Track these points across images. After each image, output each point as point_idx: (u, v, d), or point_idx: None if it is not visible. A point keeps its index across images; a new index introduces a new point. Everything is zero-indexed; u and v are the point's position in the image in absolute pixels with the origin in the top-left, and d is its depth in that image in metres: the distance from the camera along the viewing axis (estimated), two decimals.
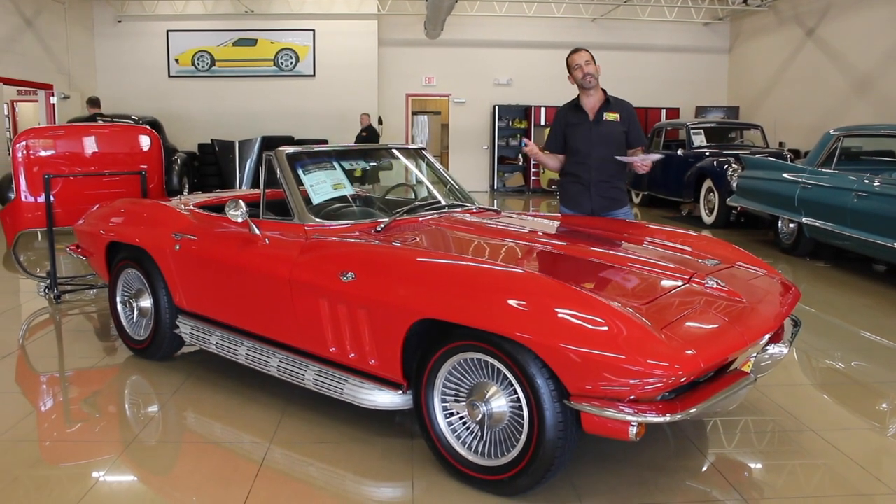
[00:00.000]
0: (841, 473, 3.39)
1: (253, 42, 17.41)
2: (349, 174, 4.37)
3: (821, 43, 14.72)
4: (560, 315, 2.75)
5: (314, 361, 3.70)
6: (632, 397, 2.65)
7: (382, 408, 3.42)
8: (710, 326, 2.93)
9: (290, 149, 4.20)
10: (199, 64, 17.44)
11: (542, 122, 17.57)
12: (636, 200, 14.80)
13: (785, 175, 9.01)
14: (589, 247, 3.76)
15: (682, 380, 2.63)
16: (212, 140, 15.92)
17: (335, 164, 4.32)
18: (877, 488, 3.24)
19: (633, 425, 2.62)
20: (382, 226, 3.89)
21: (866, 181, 7.50)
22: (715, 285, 3.28)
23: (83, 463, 3.51)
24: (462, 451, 3.15)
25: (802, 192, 8.54)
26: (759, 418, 3.99)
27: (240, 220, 3.91)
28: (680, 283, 3.30)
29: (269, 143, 16.08)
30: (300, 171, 4.11)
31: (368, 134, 15.46)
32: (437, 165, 4.85)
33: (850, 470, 3.41)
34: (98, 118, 12.49)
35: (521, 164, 18.13)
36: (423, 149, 4.89)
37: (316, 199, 4.04)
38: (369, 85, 17.37)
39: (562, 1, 16.79)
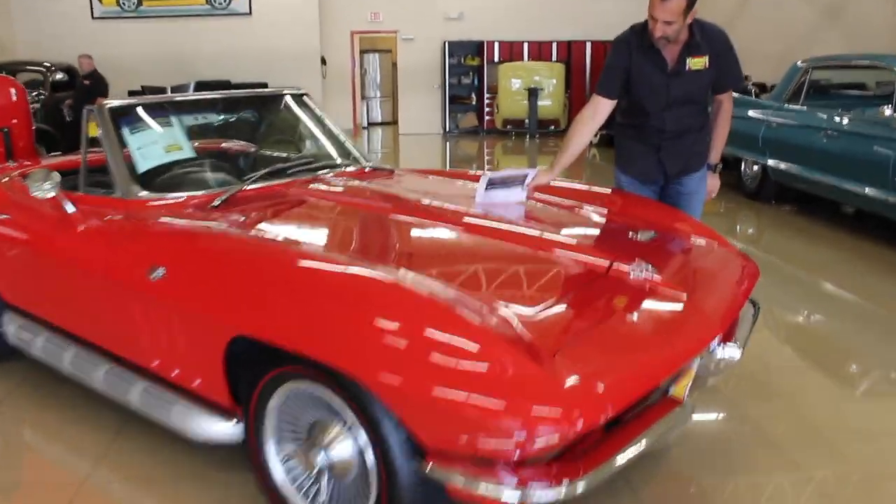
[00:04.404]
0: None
1: None
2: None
3: None
4: (408, 341, 1.93)
5: (144, 377, 2.87)
6: (515, 458, 1.84)
7: (215, 441, 2.59)
8: (629, 346, 2.11)
9: (115, 102, 3.29)
10: (125, 3, 16.12)
11: (496, 59, 16.53)
12: (594, 140, 13.94)
13: (749, 112, 8.17)
14: (484, 221, 2.91)
15: (583, 432, 1.83)
16: (142, 87, 14.79)
17: (174, 120, 3.40)
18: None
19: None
20: (221, 199, 3.01)
21: (837, 118, 6.70)
22: (643, 275, 2.46)
23: None
24: None
25: (767, 132, 7.74)
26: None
27: (48, 195, 3.02)
28: (595, 273, 2.47)
29: (204, 88, 15.01)
30: (127, 131, 3.21)
31: (92, 82, 12.13)
32: (319, 114, 3.95)
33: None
34: None
35: (473, 103, 17.13)
36: (303, 95, 3.96)
37: (143, 166, 3.14)
38: (310, 22, 16.16)
39: None
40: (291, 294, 2.18)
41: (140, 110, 3.34)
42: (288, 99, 3.96)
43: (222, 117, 3.85)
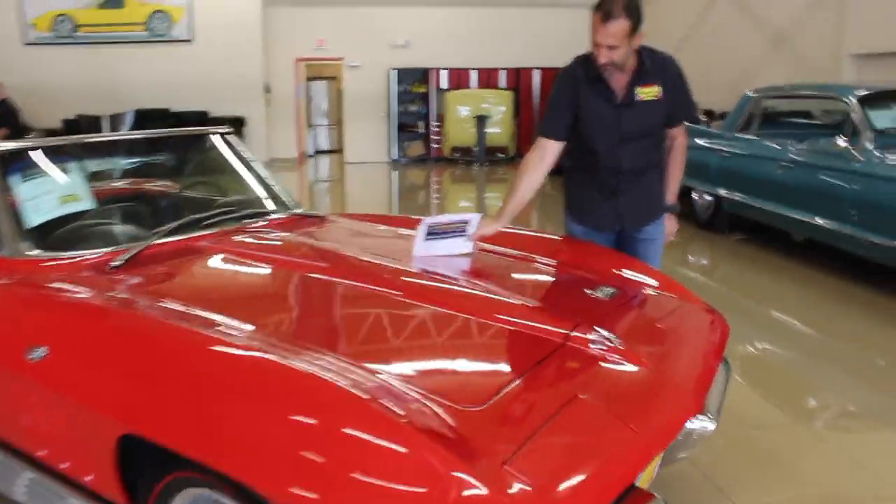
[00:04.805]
0: None
1: (120, 3, 15.55)
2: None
3: None
4: (324, 450, 1.58)
5: (33, 466, 2.46)
6: None
7: None
8: (593, 442, 1.78)
9: (7, 146, 2.89)
10: (59, 29, 15.52)
11: (445, 86, 16.31)
12: None
13: (699, 142, 8.01)
14: (424, 281, 2.59)
15: None
16: (78, 116, 14.31)
17: (75, 166, 2.99)
18: None
19: None
20: (123, 259, 2.62)
21: (791, 149, 6.56)
22: (605, 346, 2.15)
23: None
24: None
25: (720, 162, 7.59)
26: None
27: None
28: (550, 346, 2.15)
29: (144, 116, 14.53)
30: (17, 178, 2.81)
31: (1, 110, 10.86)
32: (246, 155, 3.58)
33: None
34: None
35: (421, 131, 16.85)
36: (227, 132, 3.59)
37: (33, 220, 2.74)
38: (253, 49, 15.72)
39: None
40: (187, 387, 1.81)
41: (34, 155, 2.93)
42: (211, 139, 3.58)
43: (135, 161, 3.45)
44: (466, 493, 1.48)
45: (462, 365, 2.11)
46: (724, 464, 3.09)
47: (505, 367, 2.10)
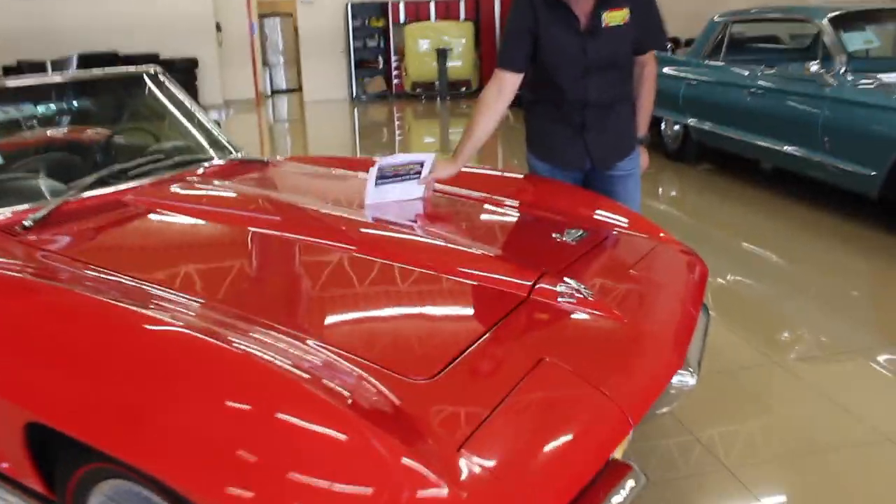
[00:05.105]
0: None
1: None
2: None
3: None
4: (259, 444, 1.35)
5: None
6: None
7: None
8: (563, 415, 1.57)
9: None
10: None
11: (402, 20, 15.78)
12: None
13: (666, 70, 7.76)
14: (377, 231, 2.35)
15: None
16: (18, 62, 13.60)
17: None
18: None
19: None
20: (35, 218, 2.33)
21: (760, 76, 6.34)
22: (574, 298, 1.93)
23: None
24: None
25: (688, 90, 7.35)
26: None
27: None
28: (514, 299, 1.93)
29: (89, 60, 13.88)
30: None
31: None
32: (181, 97, 3.27)
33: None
34: None
35: (381, 66, 16.34)
36: (158, 74, 3.27)
37: None
38: None
39: None
40: (98, 371, 1.56)
41: None
42: (143, 80, 3.26)
43: (54, 107, 3.10)
44: (415, 483, 1.27)
45: (414, 328, 1.89)
46: (695, 401, 2.93)
47: (461, 329, 1.87)
